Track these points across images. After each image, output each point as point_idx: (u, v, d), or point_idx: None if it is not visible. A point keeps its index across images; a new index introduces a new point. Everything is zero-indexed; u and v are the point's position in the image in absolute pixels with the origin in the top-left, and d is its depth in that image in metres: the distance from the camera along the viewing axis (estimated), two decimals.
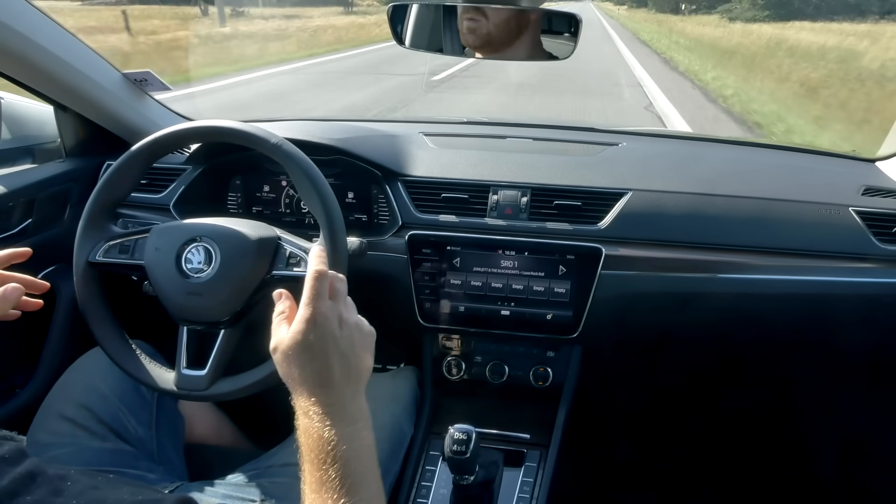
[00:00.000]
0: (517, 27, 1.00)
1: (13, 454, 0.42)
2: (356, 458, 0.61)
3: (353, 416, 0.64)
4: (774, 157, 1.42)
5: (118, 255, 0.96)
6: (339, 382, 0.64)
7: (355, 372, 0.66)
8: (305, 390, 0.64)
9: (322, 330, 0.65)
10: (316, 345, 0.64)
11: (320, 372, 0.64)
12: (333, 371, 0.64)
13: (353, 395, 0.65)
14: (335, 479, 0.59)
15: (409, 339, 1.28)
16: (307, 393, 0.63)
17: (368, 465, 0.63)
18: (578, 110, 6.83)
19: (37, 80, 1.14)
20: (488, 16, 1.00)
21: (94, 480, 0.45)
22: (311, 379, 0.64)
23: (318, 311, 0.65)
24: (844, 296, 1.11)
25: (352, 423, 0.63)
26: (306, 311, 0.65)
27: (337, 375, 0.64)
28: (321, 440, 0.61)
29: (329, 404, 0.63)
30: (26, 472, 0.41)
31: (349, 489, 0.59)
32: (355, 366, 0.67)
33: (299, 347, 0.64)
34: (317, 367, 0.64)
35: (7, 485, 0.40)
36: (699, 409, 1.54)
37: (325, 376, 0.64)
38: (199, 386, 0.91)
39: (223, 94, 7.81)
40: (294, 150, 0.94)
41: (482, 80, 9.13)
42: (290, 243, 0.94)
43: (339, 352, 0.65)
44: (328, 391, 0.63)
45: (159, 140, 0.97)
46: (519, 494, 1.08)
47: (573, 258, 1.12)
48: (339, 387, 0.64)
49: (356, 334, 0.68)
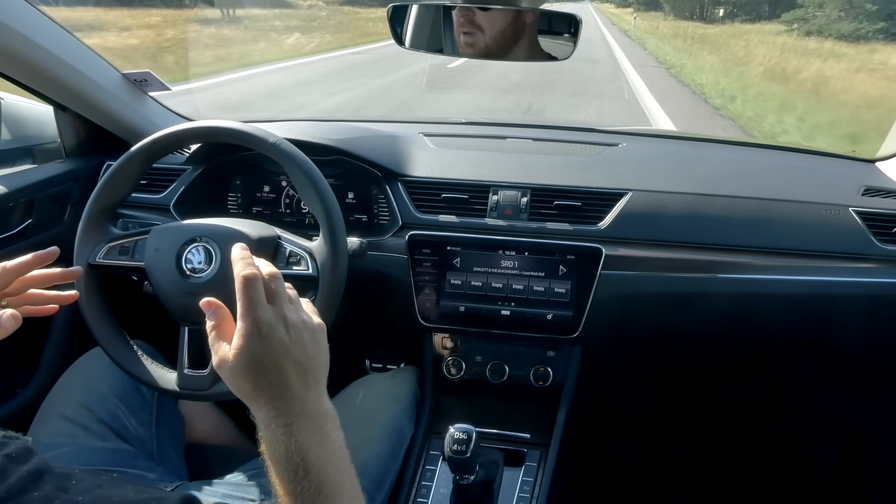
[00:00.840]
0: (513, 36, 0.99)
1: (20, 452, 0.42)
2: (329, 463, 0.58)
3: (320, 421, 0.60)
4: (774, 157, 1.42)
5: (118, 256, 0.96)
6: (298, 390, 0.59)
7: (312, 375, 0.61)
8: (263, 403, 0.59)
9: (269, 340, 0.58)
10: (266, 358, 0.58)
11: (276, 384, 0.58)
12: (290, 380, 0.59)
13: (316, 398, 0.61)
14: (310, 490, 0.56)
15: (410, 339, 1.28)
16: (266, 406, 0.58)
17: (343, 467, 0.60)
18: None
19: (37, 81, 1.14)
20: (484, 29, 0.99)
21: (99, 479, 0.45)
22: (267, 393, 0.59)
23: (261, 320, 0.59)
24: (844, 296, 1.11)
25: (320, 428, 0.59)
26: (247, 324, 0.58)
27: (294, 384, 0.59)
28: (289, 452, 0.57)
29: (292, 414, 0.58)
30: (34, 470, 0.41)
31: (326, 497, 0.56)
32: (311, 368, 0.61)
33: (247, 364, 0.58)
34: (271, 380, 0.58)
35: (15, 482, 0.40)
36: (699, 409, 1.54)
37: (282, 388, 0.59)
38: (202, 386, 0.91)
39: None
40: (293, 149, 0.94)
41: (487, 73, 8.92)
42: (290, 242, 0.94)
43: (292, 359, 0.59)
44: (288, 402, 0.59)
45: (157, 141, 0.97)
46: (519, 494, 1.08)
47: (573, 258, 1.12)
48: (299, 395, 0.59)
49: (306, 335, 0.62)
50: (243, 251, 0.64)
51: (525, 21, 0.99)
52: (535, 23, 0.99)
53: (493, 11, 0.98)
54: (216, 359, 0.60)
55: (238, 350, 0.58)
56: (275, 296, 0.61)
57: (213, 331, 0.62)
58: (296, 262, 0.93)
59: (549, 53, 1.02)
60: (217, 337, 0.61)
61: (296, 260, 0.93)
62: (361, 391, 1.15)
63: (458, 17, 1.00)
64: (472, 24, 0.99)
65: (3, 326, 0.62)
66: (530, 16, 0.98)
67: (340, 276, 0.93)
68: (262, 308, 0.59)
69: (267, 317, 0.59)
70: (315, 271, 0.92)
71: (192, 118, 1.38)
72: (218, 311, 0.63)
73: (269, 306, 0.60)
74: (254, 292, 0.59)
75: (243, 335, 0.58)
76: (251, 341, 0.58)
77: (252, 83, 8.70)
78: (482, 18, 0.99)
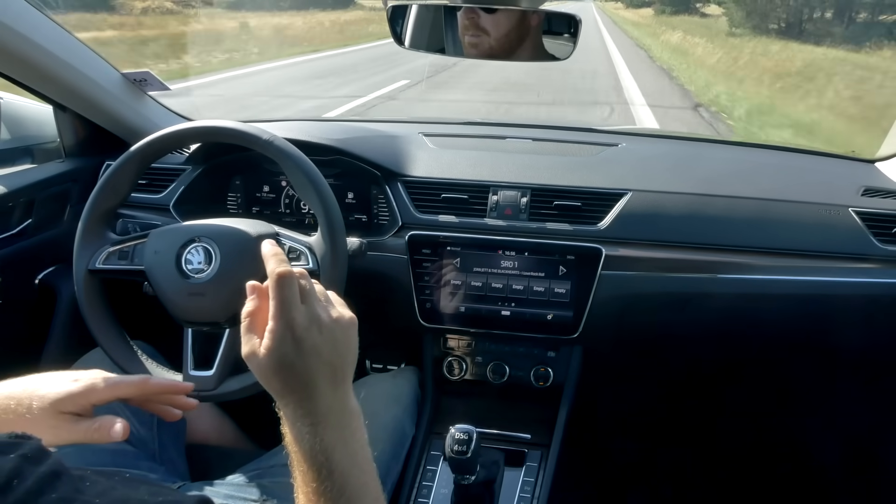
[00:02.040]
0: (518, 39, 1.00)
1: (35, 452, 0.42)
2: (353, 464, 0.57)
3: (346, 420, 0.59)
4: (774, 157, 1.42)
5: (118, 261, 0.96)
6: (325, 391, 0.58)
7: (342, 374, 0.60)
8: (291, 402, 0.58)
9: (302, 343, 0.57)
10: (298, 360, 0.57)
11: (305, 384, 0.57)
12: (319, 381, 0.58)
13: (343, 397, 0.60)
14: (333, 490, 0.55)
15: (410, 339, 1.28)
16: (293, 405, 0.58)
17: (367, 468, 0.60)
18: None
19: (36, 80, 1.14)
20: (490, 32, 0.99)
21: (112, 481, 0.44)
22: (296, 392, 0.58)
23: (294, 322, 0.57)
24: (844, 296, 1.12)
25: (345, 427, 0.59)
26: (280, 325, 0.57)
27: (322, 384, 0.58)
28: (314, 451, 0.56)
29: (319, 413, 0.57)
30: (50, 471, 0.41)
31: (350, 498, 0.56)
32: (341, 367, 0.60)
33: (278, 364, 0.57)
34: (300, 380, 0.57)
35: (32, 484, 0.39)
36: (700, 409, 1.54)
37: (311, 388, 0.58)
38: (208, 386, 0.91)
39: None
40: (288, 146, 0.94)
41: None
42: (289, 238, 0.95)
43: (322, 361, 0.58)
44: (316, 401, 0.58)
45: (154, 143, 0.97)
46: (520, 494, 1.08)
47: (573, 258, 1.12)
48: (326, 395, 0.58)
49: (338, 333, 0.60)
50: (274, 247, 0.62)
51: (530, 24, 0.99)
52: (538, 26, 0.99)
53: (498, 15, 0.98)
54: (246, 349, 0.59)
55: (269, 350, 0.57)
56: (307, 295, 0.60)
57: (248, 318, 0.59)
58: (295, 258, 0.93)
59: (550, 54, 1.02)
60: (249, 327, 0.59)
61: (295, 255, 0.93)
62: (362, 392, 1.15)
63: (463, 19, 1.00)
64: (477, 28, 0.99)
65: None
66: (535, 18, 0.98)
67: (341, 271, 0.93)
68: (297, 309, 0.58)
69: (301, 318, 0.57)
70: (315, 266, 0.93)
71: (191, 118, 1.38)
72: (259, 297, 0.60)
73: (303, 306, 0.58)
74: (289, 292, 0.58)
75: (276, 336, 0.57)
76: (283, 343, 0.57)
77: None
78: (487, 22, 0.99)
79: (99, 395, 0.65)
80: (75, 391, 0.64)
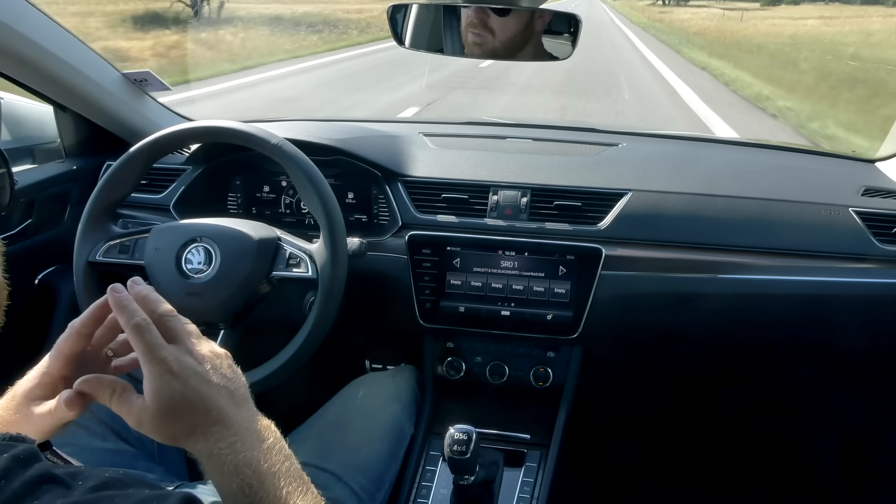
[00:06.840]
0: (522, 41, 0.99)
1: (28, 455, 0.42)
2: (278, 475, 0.56)
3: (263, 434, 0.58)
4: (774, 157, 1.42)
5: (118, 255, 0.96)
6: (230, 411, 0.57)
7: (239, 395, 0.59)
8: (199, 436, 0.56)
9: (184, 374, 0.56)
10: (187, 391, 0.55)
11: (206, 411, 0.56)
12: (219, 403, 0.57)
13: (250, 415, 0.59)
14: (266, 501, 0.55)
15: (410, 339, 1.28)
16: (202, 438, 0.56)
17: (291, 478, 0.57)
18: None
19: (37, 80, 1.14)
20: (495, 33, 0.99)
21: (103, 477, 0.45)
22: (200, 424, 0.56)
23: (167, 359, 0.55)
24: (844, 296, 1.11)
25: (264, 441, 0.58)
26: (154, 367, 0.55)
27: (225, 405, 0.57)
28: (238, 468, 0.55)
29: (231, 434, 0.56)
30: (37, 476, 0.41)
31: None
32: (236, 389, 0.59)
33: (169, 403, 0.55)
34: (201, 409, 0.56)
35: (18, 487, 0.40)
36: (699, 409, 1.54)
37: (214, 412, 0.56)
38: None
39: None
40: (294, 150, 0.94)
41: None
42: (290, 244, 0.95)
43: (214, 386, 0.57)
44: (225, 424, 0.56)
45: (159, 141, 0.97)
46: (519, 494, 1.08)
47: (573, 258, 1.12)
48: (234, 414, 0.57)
49: (216, 361, 0.59)
50: (120, 293, 0.59)
51: (535, 28, 0.99)
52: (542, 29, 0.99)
53: (508, 18, 0.97)
54: (133, 418, 0.56)
55: (155, 393, 0.55)
56: (176, 334, 0.58)
57: (113, 398, 0.57)
58: (296, 265, 0.93)
59: (551, 54, 1.02)
60: (122, 400, 0.57)
61: (296, 262, 0.93)
62: (361, 390, 1.15)
63: (472, 17, 1.00)
64: (485, 27, 0.99)
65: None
66: (541, 22, 0.98)
67: (340, 279, 0.93)
68: (165, 349, 0.56)
69: (173, 354, 0.56)
70: (315, 274, 0.92)
71: (192, 118, 1.38)
72: (102, 381, 0.58)
73: (173, 346, 0.57)
74: (150, 336, 0.56)
75: (155, 377, 0.55)
76: (165, 381, 0.55)
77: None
78: (495, 23, 0.98)
79: (52, 363, 0.63)
80: (34, 373, 0.63)
